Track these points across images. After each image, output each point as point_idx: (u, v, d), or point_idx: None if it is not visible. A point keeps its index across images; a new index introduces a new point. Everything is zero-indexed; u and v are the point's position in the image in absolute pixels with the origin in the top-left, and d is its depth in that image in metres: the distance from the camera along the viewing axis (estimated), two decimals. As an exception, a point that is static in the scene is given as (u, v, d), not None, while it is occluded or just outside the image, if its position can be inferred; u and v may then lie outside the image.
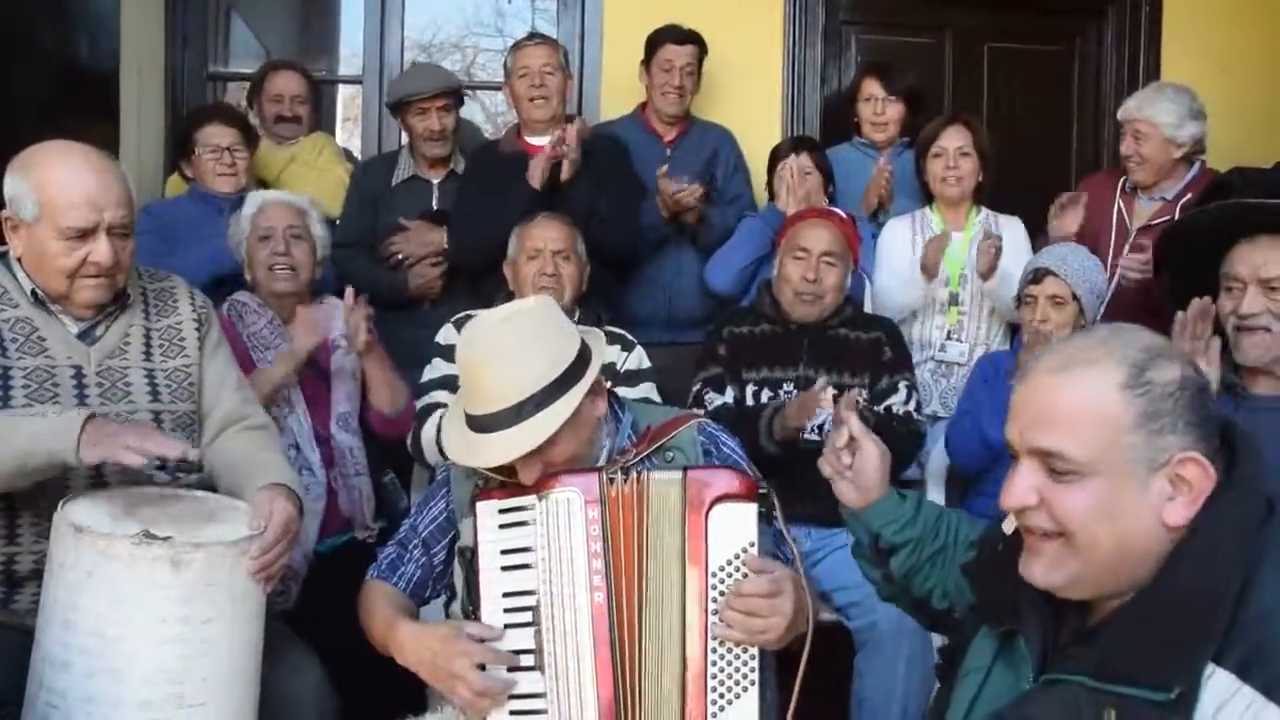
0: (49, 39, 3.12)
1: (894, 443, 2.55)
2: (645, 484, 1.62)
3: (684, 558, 1.59)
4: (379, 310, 2.89)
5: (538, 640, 1.61)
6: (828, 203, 3.21)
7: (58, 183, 1.85)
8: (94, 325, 1.96)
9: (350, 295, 2.63)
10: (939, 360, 3.18)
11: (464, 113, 3.48)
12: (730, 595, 1.57)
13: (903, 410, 2.66)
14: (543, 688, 1.60)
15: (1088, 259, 2.84)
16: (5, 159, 1.92)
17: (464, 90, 3.44)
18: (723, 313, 3.14)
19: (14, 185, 1.87)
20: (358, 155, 3.99)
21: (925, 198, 3.32)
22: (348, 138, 4.93)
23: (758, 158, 3.51)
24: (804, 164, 3.27)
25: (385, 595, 1.85)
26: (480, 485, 1.77)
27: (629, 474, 1.65)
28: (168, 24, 3.92)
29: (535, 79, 3.16)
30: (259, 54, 4.60)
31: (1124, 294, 3.00)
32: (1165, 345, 1.25)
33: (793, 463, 2.57)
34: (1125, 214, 3.24)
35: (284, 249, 2.71)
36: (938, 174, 3.22)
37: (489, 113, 4.95)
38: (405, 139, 3.46)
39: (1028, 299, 2.79)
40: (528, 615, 1.63)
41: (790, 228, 2.85)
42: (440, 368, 2.63)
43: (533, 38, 3.31)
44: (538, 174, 2.93)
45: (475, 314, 2.66)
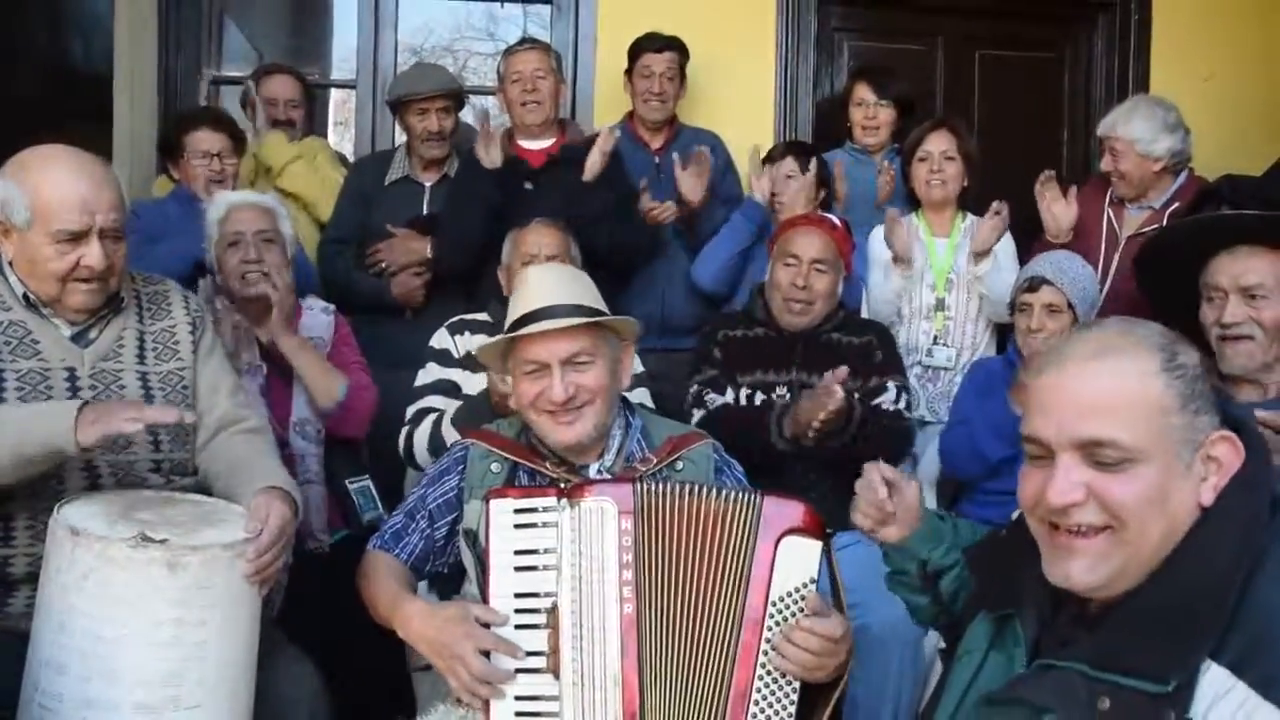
0: (43, 42, 3.12)
1: (880, 437, 2.61)
2: (719, 499, 1.62)
3: (748, 581, 1.59)
4: (358, 313, 2.89)
5: (551, 643, 1.60)
6: (815, 207, 3.22)
7: (50, 186, 1.85)
8: (87, 328, 1.96)
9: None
10: (926, 365, 3.19)
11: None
12: (793, 629, 1.57)
13: (891, 408, 2.67)
14: (555, 691, 1.59)
15: (1083, 267, 2.86)
16: (0, 161, 1.92)
17: (464, 94, 3.44)
18: (715, 316, 3.16)
19: (5, 189, 1.87)
20: (350, 159, 3.99)
21: (911, 203, 3.34)
22: (339, 141, 4.94)
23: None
24: (789, 168, 3.28)
25: (389, 568, 1.86)
26: (496, 472, 1.85)
27: (682, 486, 1.65)
28: (161, 27, 3.91)
29: (527, 84, 3.17)
30: (252, 57, 4.60)
31: (1116, 302, 3.01)
32: (1172, 332, 1.26)
33: (784, 463, 2.59)
34: (1115, 223, 3.26)
35: (255, 255, 2.65)
36: (923, 177, 3.24)
37: (480, 116, 4.95)
38: (402, 139, 3.47)
39: (1023, 306, 2.80)
40: (541, 617, 1.62)
41: (782, 234, 2.86)
42: (434, 372, 2.62)
43: (525, 43, 3.32)
44: (597, 166, 2.99)
45: (469, 318, 2.70)
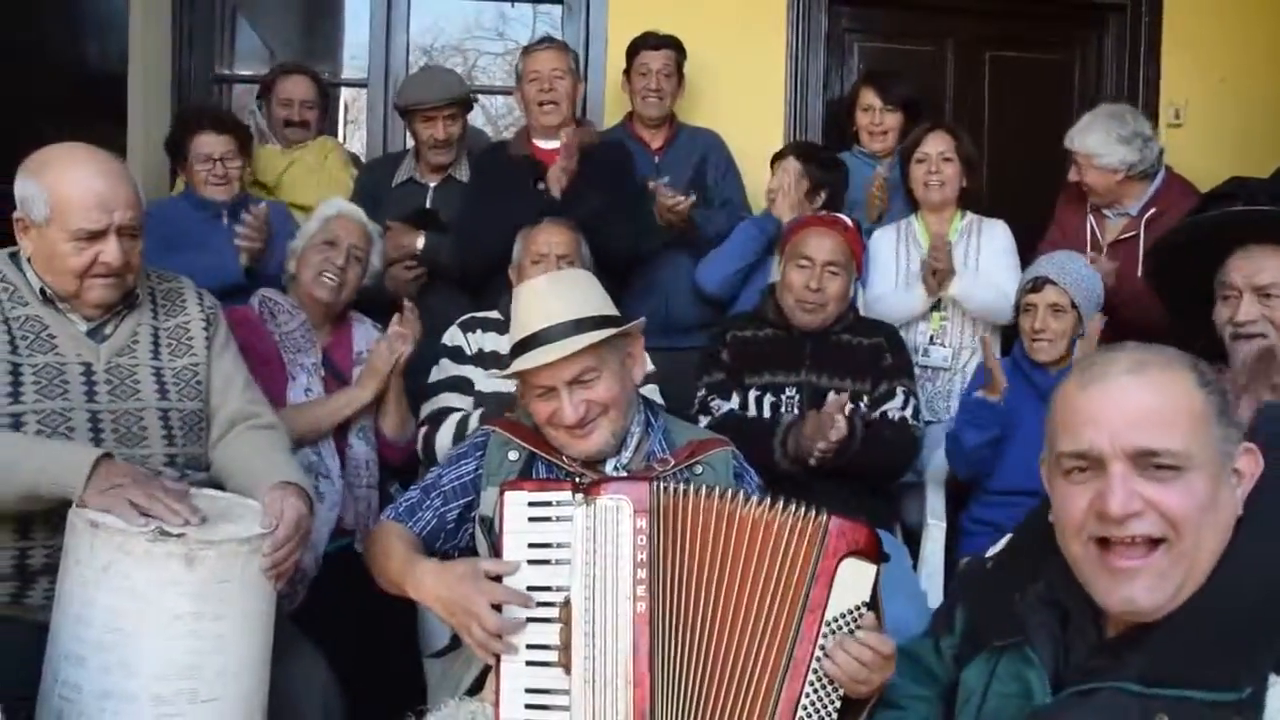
0: (60, 42, 3.14)
1: (886, 448, 2.62)
2: (768, 509, 1.61)
3: (805, 596, 1.58)
4: (357, 309, 2.90)
5: (563, 638, 1.60)
6: (818, 208, 3.23)
7: (69, 185, 1.87)
8: (103, 323, 1.99)
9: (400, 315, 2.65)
10: (923, 365, 3.19)
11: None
12: (848, 639, 1.55)
13: (898, 416, 2.67)
14: (565, 685, 1.59)
15: (1086, 267, 2.87)
16: (18, 159, 1.94)
17: (473, 97, 3.45)
18: (723, 317, 3.16)
19: (25, 187, 1.90)
20: (362, 158, 4.01)
21: (911, 205, 3.35)
22: (349, 140, 4.96)
23: (760, 166, 3.52)
24: (794, 167, 3.28)
25: (401, 535, 1.86)
26: (514, 460, 1.86)
27: (710, 489, 1.64)
28: (175, 27, 3.93)
29: (545, 83, 3.18)
30: (264, 56, 4.63)
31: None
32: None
33: (789, 475, 2.60)
34: (1097, 230, 3.30)
35: (342, 262, 2.69)
36: (920, 179, 3.25)
37: (490, 116, 4.98)
38: (412, 142, 3.48)
39: (1027, 307, 2.82)
40: (553, 611, 1.62)
41: (795, 234, 2.86)
42: (448, 369, 2.64)
43: (543, 42, 3.33)
44: (555, 184, 2.95)
45: (480, 316, 2.71)
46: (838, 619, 1.57)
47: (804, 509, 1.61)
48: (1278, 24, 4.25)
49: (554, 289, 1.89)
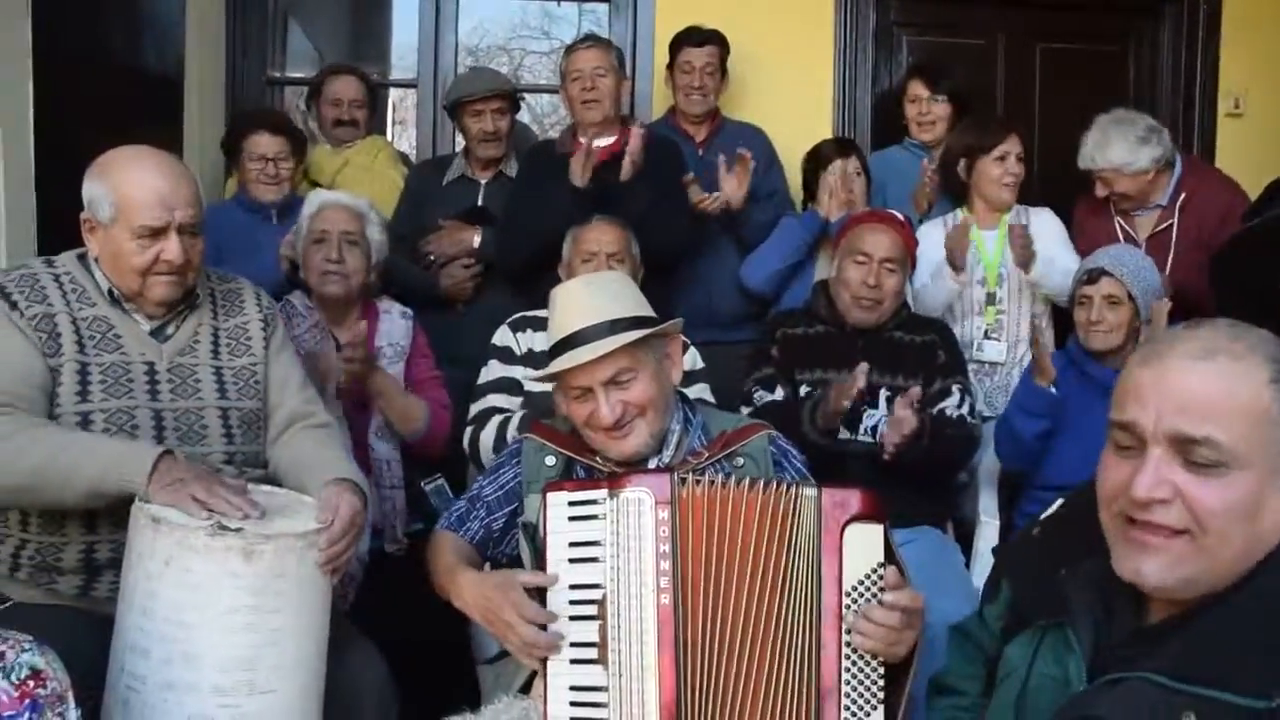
0: (119, 47, 3.20)
1: (947, 447, 2.60)
2: (770, 493, 1.62)
3: (818, 575, 1.58)
4: (416, 309, 2.92)
5: (601, 634, 1.61)
6: (868, 206, 3.21)
7: (131, 185, 1.92)
8: (166, 323, 2.02)
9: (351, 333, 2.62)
10: (978, 360, 3.17)
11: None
12: (872, 607, 1.56)
13: (956, 414, 2.65)
14: (604, 682, 1.60)
15: (1143, 259, 2.83)
16: (81, 162, 1.99)
17: (519, 96, 3.47)
18: (767, 311, 3.16)
19: (92, 188, 1.94)
20: (411, 158, 4.05)
21: (957, 198, 3.31)
22: (397, 140, 5.01)
23: (809, 160, 3.51)
24: (853, 168, 3.27)
25: (451, 544, 1.90)
26: (551, 465, 1.87)
27: (726, 478, 1.65)
28: (228, 31, 4.01)
29: (587, 81, 3.19)
30: (314, 59, 4.69)
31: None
32: None
33: (846, 464, 2.59)
34: (1128, 228, 3.25)
35: (336, 255, 2.69)
36: (997, 177, 3.21)
37: (535, 115, 4.99)
38: (461, 141, 3.51)
39: (1082, 299, 2.78)
40: (593, 609, 1.63)
41: (850, 230, 2.85)
42: (496, 369, 2.65)
43: (585, 40, 3.33)
44: (579, 173, 2.95)
45: (530, 315, 2.73)
46: (857, 586, 1.57)
47: (796, 488, 1.62)
48: (1341, 9, 4.16)
49: (590, 290, 1.90)
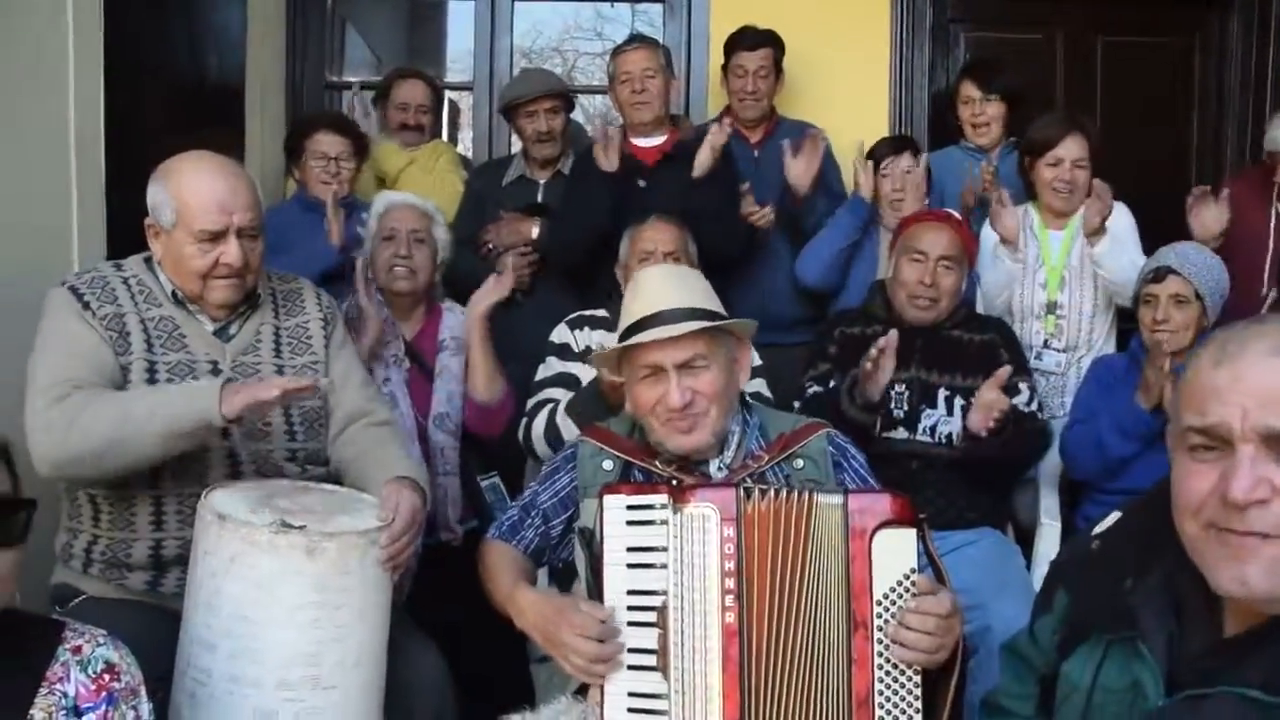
0: (183, 57, 3.27)
1: (1023, 440, 2.57)
2: (804, 505, 1.58)
3: (848, 585, 1.55)
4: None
5: (662, 642, 1.59)
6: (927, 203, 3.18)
7: (192, 189, 1.96)
8: (228, 323, 2.07)
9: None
10: (1035, 369, 3.10)
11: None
12: (905, 614, 1.53)
13: (1027, 410, 2.62)
14: (664, 689, 1.58)
15: (1210, 257, 2.75)
16: (148, 168, 2.04)
17: (572, 94, 3.49)
18: (822, 314, 3.13)
19: (154, 194, 1.99)
20: (470, 161, 4.09)
21: (1028, 194, 3.25)
22: (453, 143, 5.05)
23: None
24: (905, 165, 3.23)
25: (507, 557, 1.89)
26: (609, 470, 1.85)
27: (778, 492, 1.59)
28: (288, 38, 4.08)
29: (636, 83, 3.19)
30: (371, 64, 4.76)
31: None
32: None
33: (907, 464, 2.57)
34: None
35: (405, 251, 2.78)
36: (1049, 181, 3.13)
37: (589, 115, 5.01)
38: (519, 143, 3.53)
39: (1147, 298, 2.71)
40: (652, 615, 1.61)
41: (907, 229, 2.82)
42: (554, 365, 2.67)
43: (632, 41, 3.33)
44: (706, 162, 2.98)
45: (588, 314, 2.74)
46: (888, 594, 1.54)
47: (826, 495, 1.58)
48: None
49: (671, 276, 1.92)
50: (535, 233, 3.22)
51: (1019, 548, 2.72)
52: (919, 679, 1.55)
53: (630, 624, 1.63)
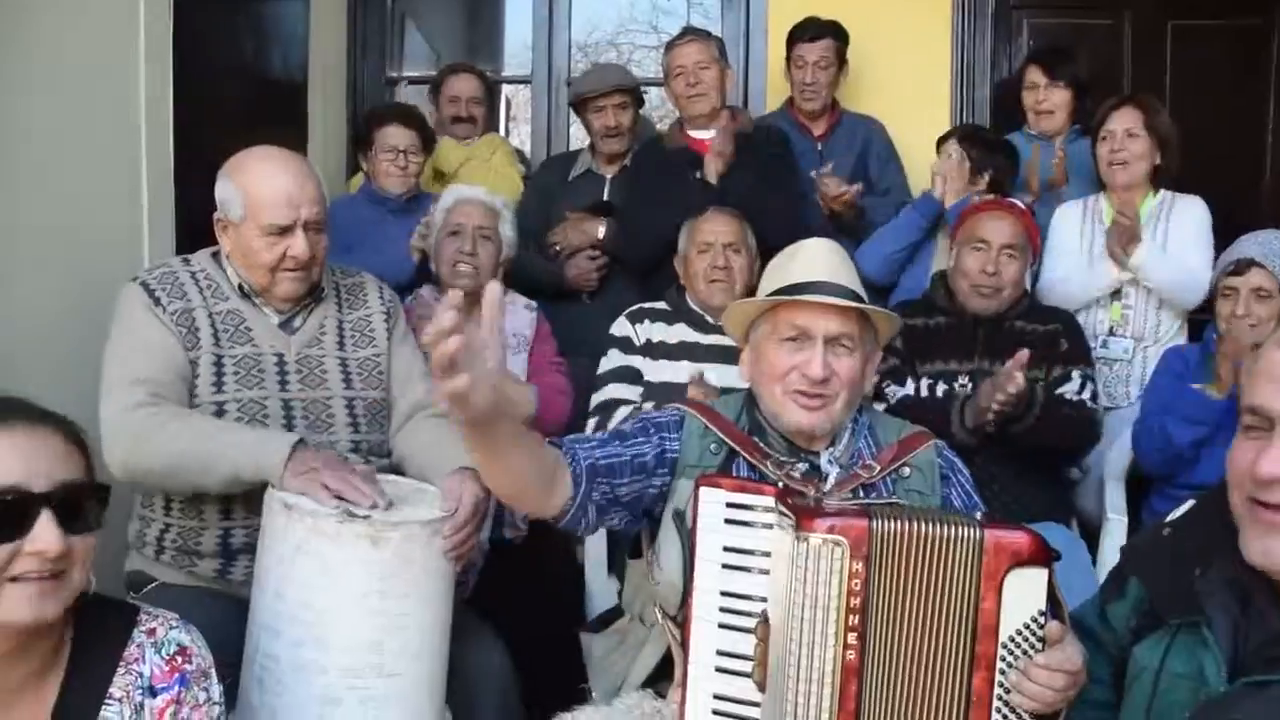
0: (249, 55, 3.33)
1: (1063, 426, 2.53)
2: (938, 537, 1.46)
3: (975, 624, 1.45)
4: (542, 301, 2.96)
5: (759, 655, 1.52)
6: (981, 191, 3.12)
7: (260, 184, 2.00)
8: (293, 316, 2.10)
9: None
10: (1101, 357, 3.04)
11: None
12: (1034, 667, 1.44)
13: (1075, 398, 2.57)
14: (757, 698, 1.54)
15: None
16: (215, 164, 2.08)
17: (640, 89, 3.49)
18: (891, 304, 3.10)
19: (223, 189, 2.03)
20: (526, 155, 4.11)
21: (1098, 184, 3.18)
22: (510, 137, 5.09)
23: (927, 152, 3.42)
24: (957, 151, 3.18)
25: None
26: (712, 452, 1.74)
27: (911, 518, 1.48)
28: (349, 35, 4.14)
29: (691, 76, 3.17)
30: (431, 58, 4.80)
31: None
32: None
33: (966, 458, 2.52)
34: None
35: (470, 248, 2.76)
36: (1104, 157, 3.08)
37: (645, 108, 5.01)
38: (576, 132, 3.55)
39: (1226, 291, 2.63)
40: (746, 620, 1.55)
41: (968, 218, 2.79)
42: (616, 359, 2.68)
43: (685, 35, 3.32)
44: (713, 170, 2.94)
45: (648, 307, 2.74)
46: (1015, 637, 1.45)
47: (960, 528, 1.47)
48: None
49: (836, 252, 1.83)
50: (601, 233, 3.23)
51: (1084, 543, 2.67)
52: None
53: (722, 626, 1.57)
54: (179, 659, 1.34)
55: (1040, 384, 2.57)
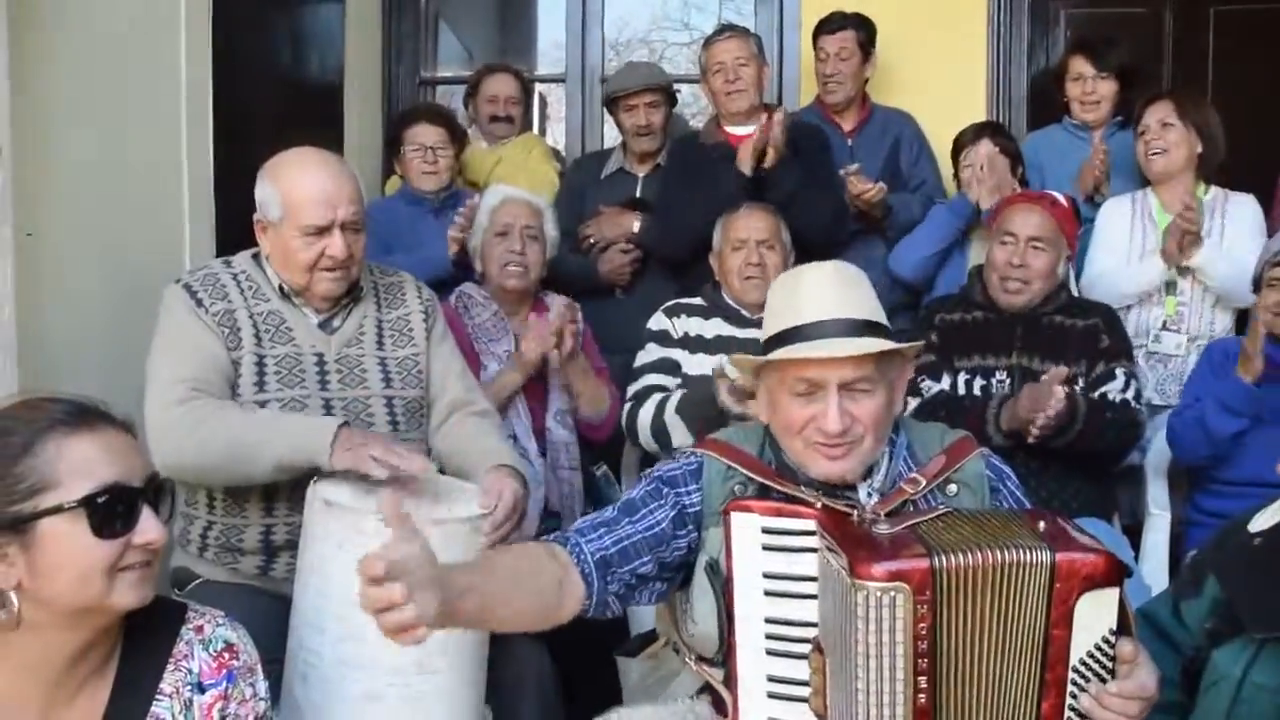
0: (285, 59, 3.37)
1: (1107, 430, 2.50)
2: (1006, 566, 1.37)
3: (1046, 650, 1.38)
4: (575, 295, 2.96)
5: (816, 684, 1.45)
6: (1017, 186, 3.09)
7: (297, 185, 2.01)
8: (332, 316, 2.12)
9: (560, 304, 2.70)
10: (1154, 351, 3.00)
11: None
12: (1106, 694, 1.38)
13: (1119, 398, 2.54)
14: None
15: None
16: (253, 167, 2.10)
17: (674, 87, 3.48)
18: (928, 299, 3.08)
19: (262, 190, 2.05)
20: (561, 152, 4.12)
21: (1142, 179, 3.15)
22: (546, 136, 5.10)
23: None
24: (989, 150, 3.15)
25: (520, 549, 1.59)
26: (738, 494, 1.61)
27: (974, 548, 1.38)
28: (384, 37, 4.17)
29: (730, 73, 3.16)
30: (464, 59, 4.83)
31: None
32: None
33: (1005, 454, 2.50)
34: None
35: (519, 247, 2.76)
36: (1142, 151, 3.05)
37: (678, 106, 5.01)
38: (611, 131, 3.55)
39: (1272, 282, 2.59)
40: (798, 647, 1.49)
41: (1001, 212, 2.77)
42: (654, 352, 2.68)
43: (723, 31, 3.31)
44: (747, 160, 2.93)
45: (685, 302, 2.73)
46: (1086, 660, 1.38)
47: (1032, 552, 1.37)
48: None
49: (836, 279, 1.65)
50: (636, 227, 3.23)
51: (1127, 539, 2.63)
52: None
53: (769, 653, 1.52)
54: (226, 655, 1.36)
55: (1081, 384, 2.54)
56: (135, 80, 2.49)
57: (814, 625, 1.48)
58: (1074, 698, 1.39)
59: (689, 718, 1.64)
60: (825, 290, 1.62)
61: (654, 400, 2.55)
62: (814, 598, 1.48)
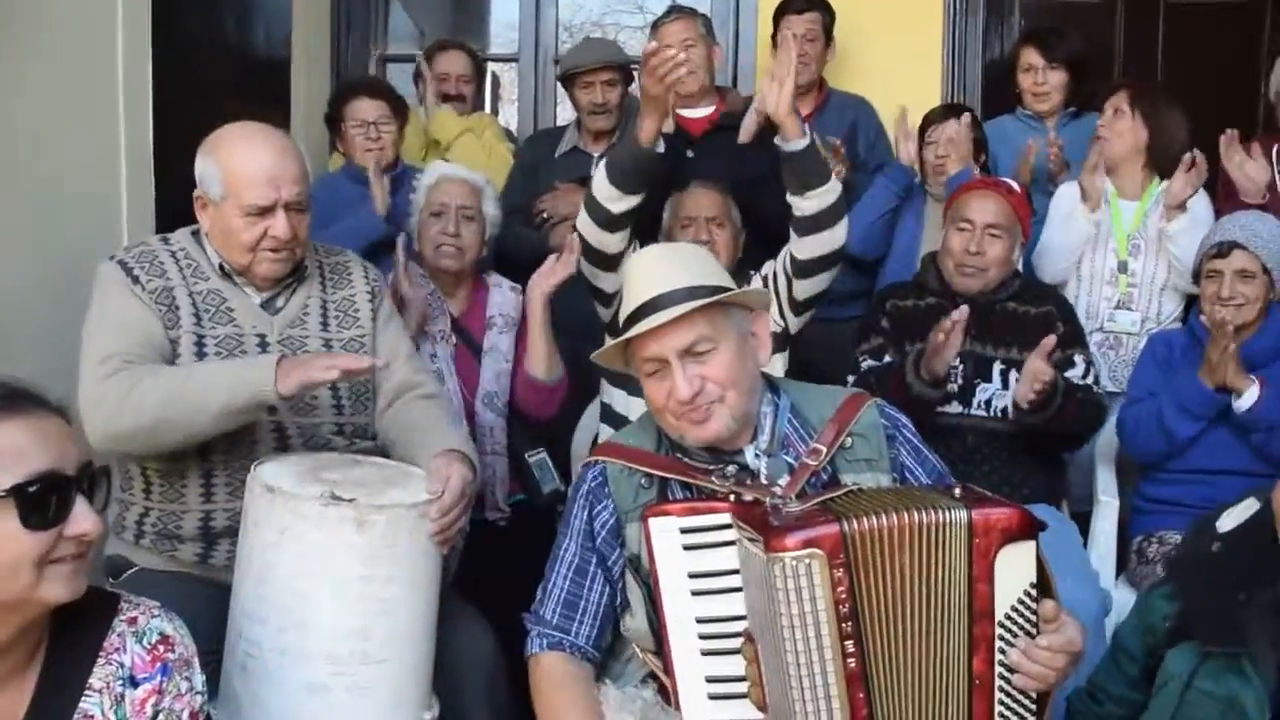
0: (231, 31, 3.28)
1: (1083, 410, 2.52)
2: (923, 526, 1.41)
3: (971, 608, 1.41)
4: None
5: (752, 675, 1.48)
6: (977, 170, 3.10)
7: (240, 162, 1.94)
8: (275, 296, 2.06)
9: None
10: (1108, 331, 3.03)
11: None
12: (1035, 648, 1.41)
13: (1081, 382, 2.57)
14: (759, 716, 1.49)
15: (1276, 226, 2.66)
16: (195, 142, 2.02)
17: (631, 65, 3.44)
18: (874, 286, 3.08)
19: (203, 166, 1.98)
20: (514, 133, 4.07)
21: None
22: (495, 116, 5.05)
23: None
24: (952, 129, 3.14)
25: (571, 692, 1.66)
26: (644, 487, 1.68)
27: (887, 511, 1.42)
28: (333, 11, 4.08)
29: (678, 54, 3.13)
30: (415, 36, 4.75)
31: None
32: None
33: (962, 438, 2.53)
34: None
35: (453, 229, 2.70)
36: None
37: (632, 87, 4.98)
38: (565, 112, 3.50)
39: (1210, 273, 2.63)
40: (732, 643, 1.50)
41: (957, 198, 2.76)
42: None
43: (670, 12, 3.27)
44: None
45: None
46: (1010, 614, 1.42)
47: (946, 512, 1.42)
48: None
49: (667, 258, 1.74)
50: None
51: (1076, 525, 2.66)
52: (1034, 707, 1.46)
53: (705, 653, 1.53)
54: (161, 648, 1.31)
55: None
56: (70, 50, 2.40)
57: (743, 619, 1.50)
58: (1002, 653, 1.43)
59: (637, 702, 1.64)
60: (652, 268, 1.69)
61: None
62: (739, 590, 1.51)
